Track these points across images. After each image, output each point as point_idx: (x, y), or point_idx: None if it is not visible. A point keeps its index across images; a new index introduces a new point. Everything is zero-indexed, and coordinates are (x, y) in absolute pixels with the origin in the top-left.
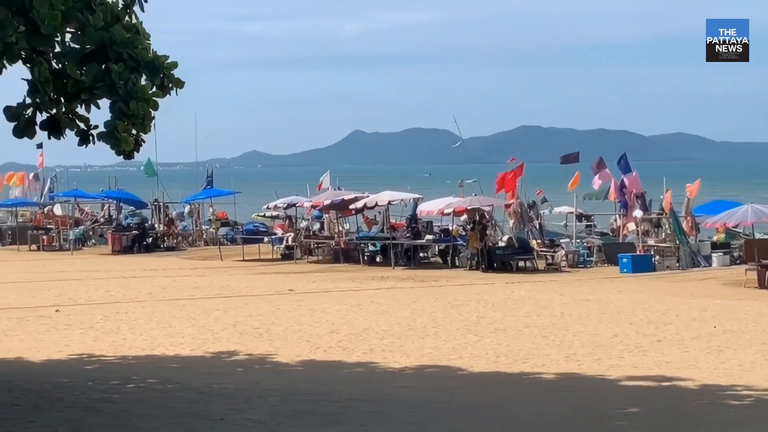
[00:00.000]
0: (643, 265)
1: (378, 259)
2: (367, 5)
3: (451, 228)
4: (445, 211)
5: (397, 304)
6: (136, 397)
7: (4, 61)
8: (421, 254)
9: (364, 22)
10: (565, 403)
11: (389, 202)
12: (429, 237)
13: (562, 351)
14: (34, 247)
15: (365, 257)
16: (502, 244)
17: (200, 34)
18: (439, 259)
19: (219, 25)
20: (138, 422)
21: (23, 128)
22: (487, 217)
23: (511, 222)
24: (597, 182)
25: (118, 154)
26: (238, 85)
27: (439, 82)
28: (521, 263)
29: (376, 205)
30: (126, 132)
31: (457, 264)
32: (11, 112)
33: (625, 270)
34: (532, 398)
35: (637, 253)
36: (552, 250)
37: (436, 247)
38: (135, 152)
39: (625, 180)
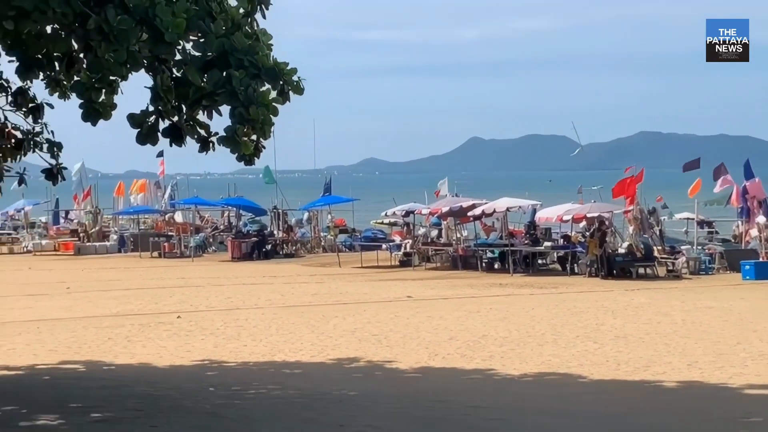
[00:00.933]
0: (766, 271)
1: (496, 266)
2: (487, 12)
3: (570, 234)
4: (564, 218)
5: (515, 311)
6: (257, 403)
7: (128, 69)
8: (540, 261)
9: (483, 29)
10: (687, 412)
11: (507, 209)
12: (548, 244)
13: (684, 359)
14: (155, 254)
15: (483, 264)
16: (621, 250)
17: (322, 42)
18: (557, 266)
19: (341, 32)
20: (259, 428)
21: (146, 135)
22: (607, 223)
23: (630, 228)
24: (718, 188)
25: (239, 159)
26: (356, 93)
27: (558, 88)
28: (641, 270)
29: (495, 211)
30: (246, 137)
31: (576, 271)
32: (134, 120)
33: (747, 277)
34: (654, 407)
35: (761, 259)
36: (673, 256)
37: (555, 253)
38: (255, 158)
39: (748, 186)
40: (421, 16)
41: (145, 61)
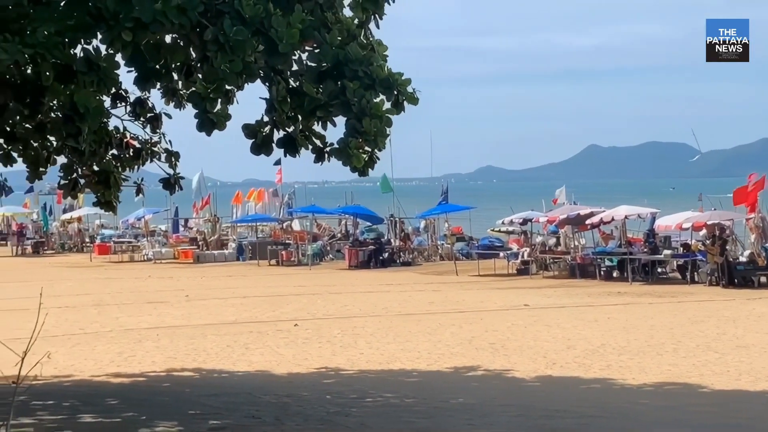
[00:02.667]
0: None
1: (615, 275)
2: (602, 17)
3: (690, 243)
4: (684, 226)
5: (634, 320)
6: (373, 411)
7: (243, 80)
8: (659, 269)
9: (598, 36)
10: None
11: (626, 217)
12: (667, 252)
13: None
14: (273, 261)
15: (602, 272)
16: (743, 259)
17: (437, 50)
18: (677, 275)
19: (456, 40)
20: None
21: (261, 146)
22: (728, 231)
23: (752, 236)
24: None
25: (352, 171)
26: (474, 100)
27: (678, 94)
28: (763, 279)
29: (613, 219)
30: (358, 149)
31: (696, 280)
32: (249, 130)
33: None
34: None
35: None
36: None
37: (675, 262)
38: (369, 168)
39: None
40: (540, 23)
41: (260, 72)
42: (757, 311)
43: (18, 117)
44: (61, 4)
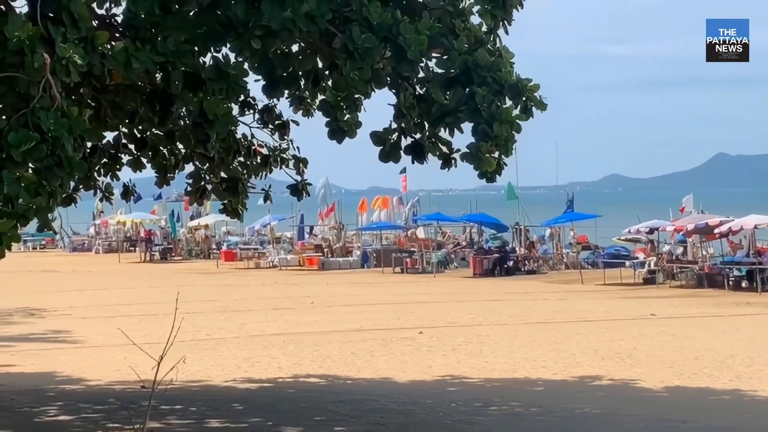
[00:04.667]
0: None
1: (743, 284)
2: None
3: None
4: None
5: (763, 330)
6: (498, 420)
7: (372, 87)
8: None
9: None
10: None
11: (755, 226)
12: None
13: None
14: (397, 269)
15: (730, 282)
16: None
17: (567, 57)
18: None
19: (585, 47)
20: None
21: (388, 153)
22: None
23: None
24: None
25: (481, 176)
26: (600, 107)
27: None
28: None
29: (742, 228)
30: (489, 153)
31: None
32: (377, 137)
33: None
34: None
35: None
36: None
37: None
38: (497, 174)
39: None
40: (670, 29)
41: (388, 79)
42: None
43: (148, 124)
44: (191, 12)
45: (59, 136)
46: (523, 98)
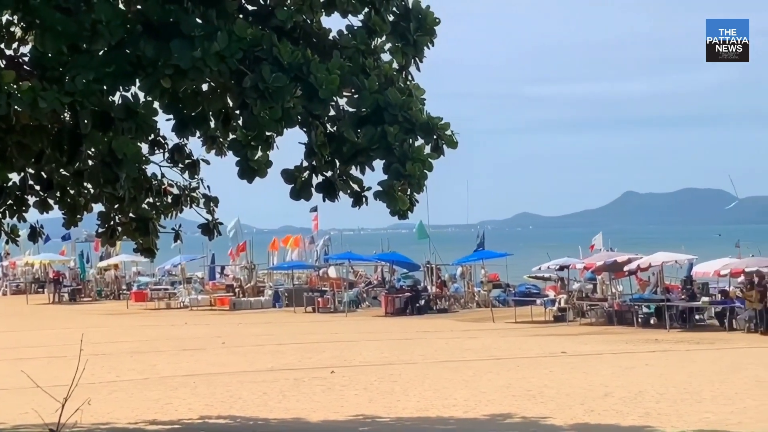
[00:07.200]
0: None
1: (652, 321)
2: (658, 66)
3: (728, 289)
4: (722, 273)
5: (672, 367)
6: None
7: (283, 126)
8: (697, 316)
9: (651, 84)
10: None
11: (663, 263)
12: (705, 299)
13: None
14: (309, 308)
15: (639, 319)
16: None
17: (487, 97)
18: (715, 322)
19: (507, 87)
20: None
21: (300, 191)
22: (767, 278)
23: None
24: None
25: (393, 213)
26: (514, 147)
27: (715, 141)
28: None
29: (650, 266)
30: (402, 192)
31: (734, 326)
32: (288, 175)
33: None
34: None
35: None
36: None
37: (713, 309)
38: (410, 212)
39: None
40: (589, 71)
41: (299, 118)
42: None
43: (55, 164)
44: (100, 52)
45: None
46: (434, 136)
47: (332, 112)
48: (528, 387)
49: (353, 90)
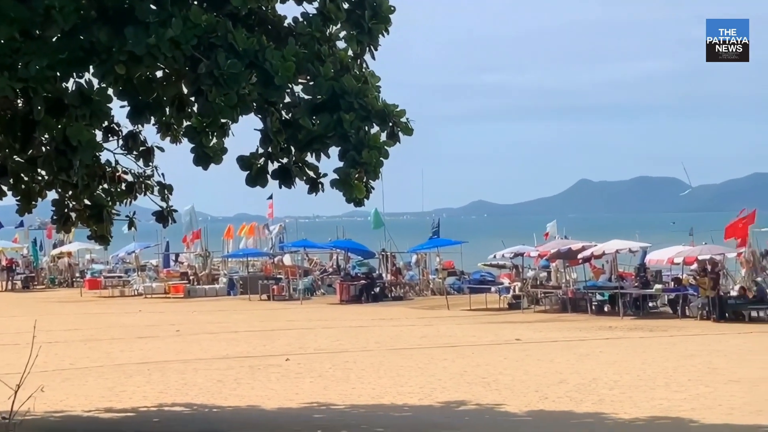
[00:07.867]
0: None
1: (606, 309)
2: (610, 55)
3: (681, 277)
4: (675, 260)
5: (626, 354)
6: None
7: (238, 113)
8: (650, 304)
9: (604, 73)
10: None
11: (617, 251)
12: (658, 286)
13: None
14: (264, 296)
15: (593, 307)
16: (734, 293)
17: (442, 87)
18: (668, 309)
19: (453, 78)
20: None
21: (255, 177)
22: (719, 265)
23: (743, 270)
24: None
25: (349, 201)
26: (466, 136)
27: (670, 129)
28: (754, 313)
29: (604, 253)
30: (359, 180)
31: (687, 314)
32: (244, 162)
33: None
34: None
35: None
36: None
37: (666, 296)
38: (366, 199)
39: None
40: (541, 60)
41: (254, 104)
42: (748, 346)
43: (8, 151)
44: (54, 38)
45: None
46: (390, 123)
47: (288, 99)
48: (482, 374)
49: (309, 77)
